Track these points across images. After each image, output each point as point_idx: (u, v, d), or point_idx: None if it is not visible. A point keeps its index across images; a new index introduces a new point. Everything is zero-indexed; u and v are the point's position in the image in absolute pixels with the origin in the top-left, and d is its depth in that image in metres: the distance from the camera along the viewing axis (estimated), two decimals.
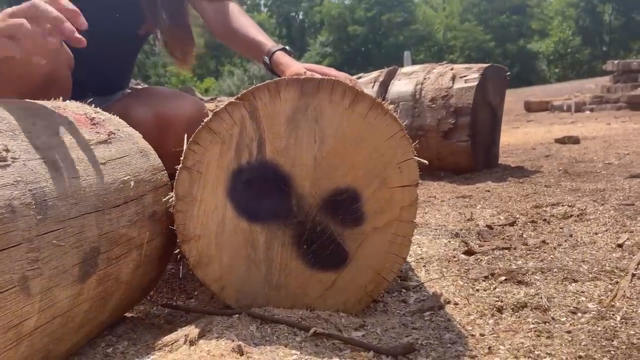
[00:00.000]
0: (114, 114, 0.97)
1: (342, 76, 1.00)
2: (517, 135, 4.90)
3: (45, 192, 0.66)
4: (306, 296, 0.93)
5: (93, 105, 0.94)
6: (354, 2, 37.48)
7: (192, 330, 0.82)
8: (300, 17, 43.06)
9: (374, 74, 3.19)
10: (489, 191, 2.23)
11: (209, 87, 27.71)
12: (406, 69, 3.14)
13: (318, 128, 0.86)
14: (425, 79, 2.87)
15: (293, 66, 1.10)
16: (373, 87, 3.02)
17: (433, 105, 2.76)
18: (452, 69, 2.88)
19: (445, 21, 37.92)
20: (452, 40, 36.47)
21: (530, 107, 9.28)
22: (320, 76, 0.92)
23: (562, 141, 3.95)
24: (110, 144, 0.85)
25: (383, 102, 0.86)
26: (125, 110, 1.15)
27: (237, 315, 0.87)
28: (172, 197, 0.89)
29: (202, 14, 1.35)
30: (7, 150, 0.64)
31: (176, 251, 0.92)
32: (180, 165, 0.87)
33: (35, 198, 0.64)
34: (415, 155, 0.88)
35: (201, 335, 0.81)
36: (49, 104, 0.84)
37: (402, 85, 2.92)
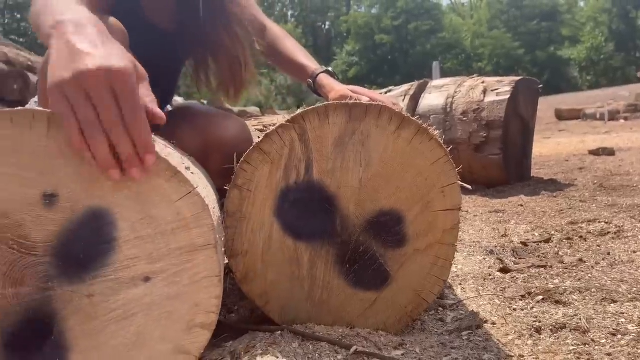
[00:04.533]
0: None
1: (388, 101, 1.03)
2: (549, 146, 4.84)
3: None
4: (347, 314, 0.96)
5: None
6: (380, 11, 37.50)
7: (237, 347, 0.85)
8: (327, 27, 43.29)
9: (405, 87, 3.20)
10: (522, 205, 2.22)
11: None
12: (437, 82, 3.15)
13: (364, 151, 0.90)
14: (456, 92, 2.88)
15: (337, 88, 1.14)
16: (404, 100, 3.04)
17: (464, 119, 2.76)
18: (483, 82, 2.88)
19: (473, 29, 37.60)
20: (480, 48, 36.11)
21: (561, 115, 9.12)
22: (367, 101, 0.96)
23: (596, 153, 3.88)
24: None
25: (428, 128, 0.89)
26: (172, 131, 1.20)
27: (280, 332, 0.90)
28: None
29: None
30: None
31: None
32: (232, 183, 0.91)
33: None
34: (459, 180, 0.91)
35: (246, 352, 0.84)
36: None
37: (433, 98, 2.93)
